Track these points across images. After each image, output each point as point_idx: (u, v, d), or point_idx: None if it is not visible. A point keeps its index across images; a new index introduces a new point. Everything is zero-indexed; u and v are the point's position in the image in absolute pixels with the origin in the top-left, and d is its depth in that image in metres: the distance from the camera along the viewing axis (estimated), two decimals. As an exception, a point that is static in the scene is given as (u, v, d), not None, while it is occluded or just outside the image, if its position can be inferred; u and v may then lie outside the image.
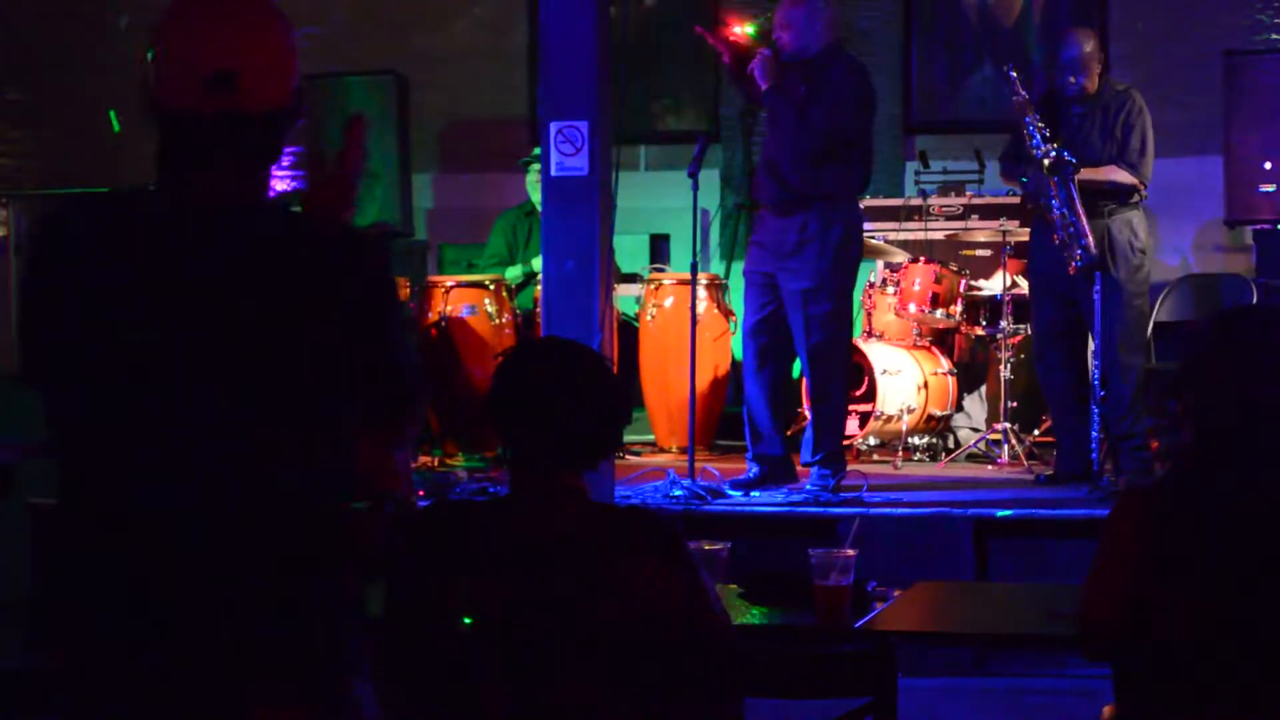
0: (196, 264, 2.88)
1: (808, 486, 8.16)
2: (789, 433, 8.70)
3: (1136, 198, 8.49)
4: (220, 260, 2.88)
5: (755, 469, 8.33)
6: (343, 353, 2.92)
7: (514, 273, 10.30)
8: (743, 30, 8.71)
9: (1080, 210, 8.23)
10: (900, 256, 10.17)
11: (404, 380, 3.04)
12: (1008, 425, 9.47)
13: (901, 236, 10.60)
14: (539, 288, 8.89)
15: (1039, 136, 8.32)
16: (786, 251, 8.15)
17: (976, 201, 10.71)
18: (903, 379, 9.71)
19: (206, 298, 2.87)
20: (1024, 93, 8.41)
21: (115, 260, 2.90)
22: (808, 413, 8.41)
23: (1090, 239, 8.22)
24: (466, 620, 3.47)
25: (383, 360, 2.99)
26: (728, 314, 10.33)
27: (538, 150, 10.36)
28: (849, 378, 8.77)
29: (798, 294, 8.13)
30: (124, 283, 2.88)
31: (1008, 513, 7.67)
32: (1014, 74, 8.47)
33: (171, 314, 2.87)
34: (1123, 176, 8.42)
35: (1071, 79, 8.49)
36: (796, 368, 8.81)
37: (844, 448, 8.62)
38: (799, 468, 8.42)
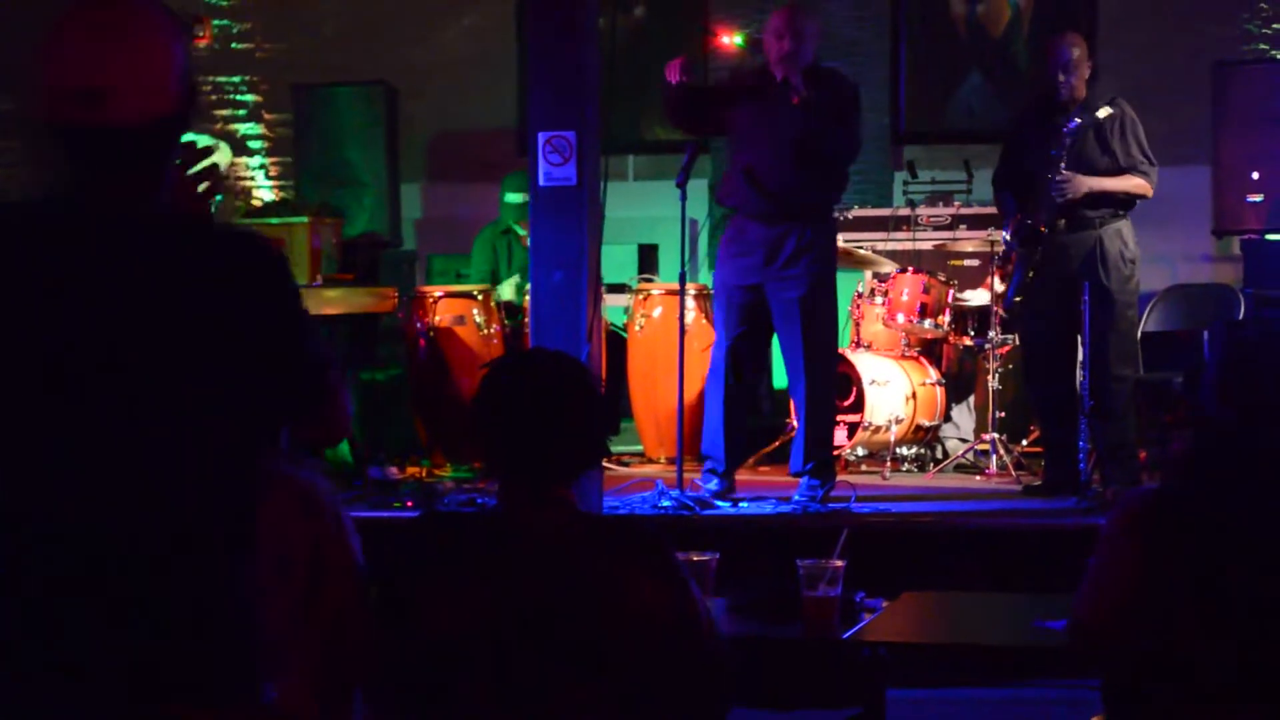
0: (84, 273, 2.86)
1: (796, 496, 8.17)
2: (778, 443, 8.74)
3: (1126, 208, 8.52)
4: (109, 269, 2.86)
5: (718, 483, 8.34)
6: (240, 356, 2.88)
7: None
8: (731, 40, 8.72)
9: (1021, 272, 8.55)
10: (888, 266, 10.17)
11: (313, 376, 3.01)
12: (996, 436, 9.46)
13: (889, 246, 10.60)
14: (527, 298, 8.91)
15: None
16: (781, 261, 8.17)
17: (964, 211, 10.71)
18: (891, 389, 9.71)
19: (98, 305, 2.84)
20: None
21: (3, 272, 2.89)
22: (795, 422, 8.40)
23: (1016, 299, 8.64)
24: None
25: (285, 359, 2.95)
26: (716, 324, 10.33)
27: (508, 180, 10.43)
28: (838, 388, 8.80)
29: (794, 302, 8.15)
30: (11, 294, 2.87)
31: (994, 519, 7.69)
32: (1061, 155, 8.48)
33: (64, 324, 2.84)
34: (1137, 185, 8.45)
35: (1062, 78, 8.50)
36: (778, 379, 8.83)
37: (834, 458, 8.64)
38: (788, 477, 8.45)
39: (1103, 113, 8.44)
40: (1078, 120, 8.41)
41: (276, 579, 3.59)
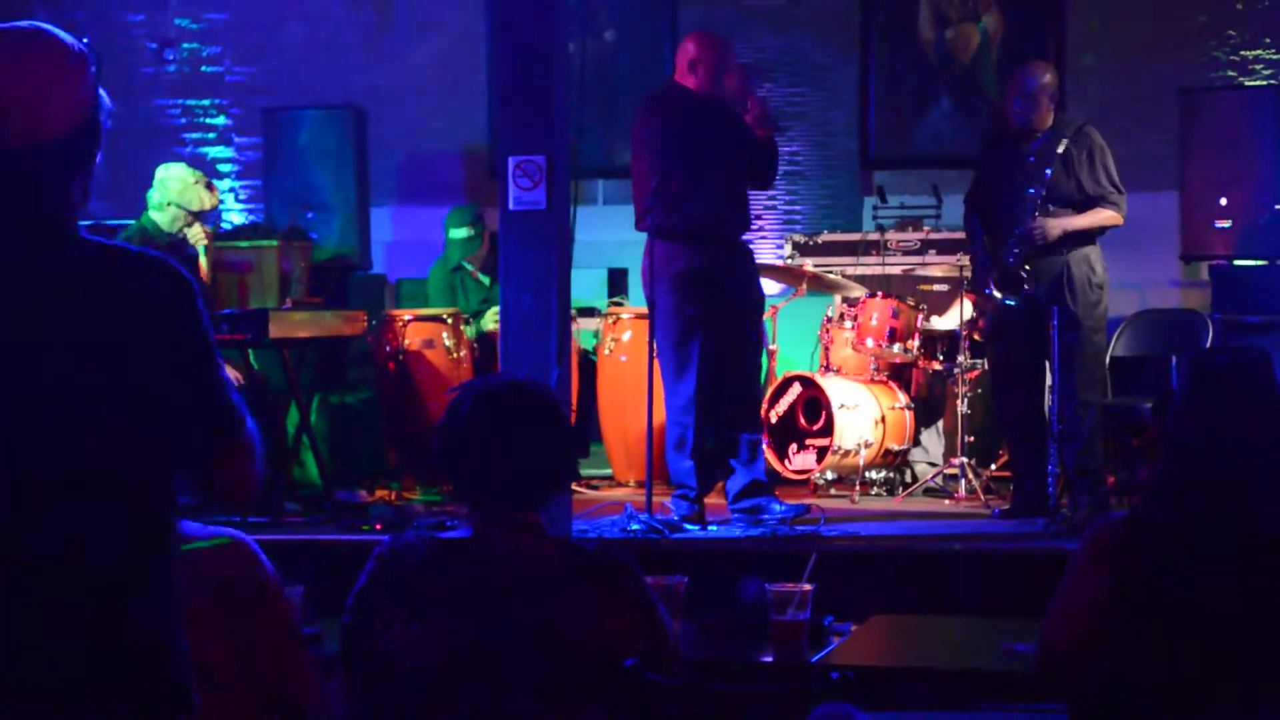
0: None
1: (777, 511, 8.19)
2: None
3: (1095, 235, 8.56)
4: (21, 292, 2.85)
5: (688, 506, 8.37)
6: (153, 389, 2.86)
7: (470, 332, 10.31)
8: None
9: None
10: (858, 291, 10.18)
11: (221, 415, 2.96)
12: (964, 460, 9.47)
13: (859, 271, 10.62)
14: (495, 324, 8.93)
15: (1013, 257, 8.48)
16: (748, 281, 8.39)
17: (934, 236, 10.73)
18: (860, 413, 9.71)
19: (13, 330, 2.84)
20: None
21: None
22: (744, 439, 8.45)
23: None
24: None
25: (197, 396, 2.92)
26: (685, 348, 10.33)
27: (451, 216, 10.43)
28: (809, 411, 8.87)
29: (759, 319, 8.37)
30: None
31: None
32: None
33: None
34: (1108, 217, 8.48)
35: (1018, 109, 8.53)
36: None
37: None
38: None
39: (1061, 147, 8.47)
40: (1050, 171, 8.44)
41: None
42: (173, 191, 9.24)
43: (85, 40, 2.98)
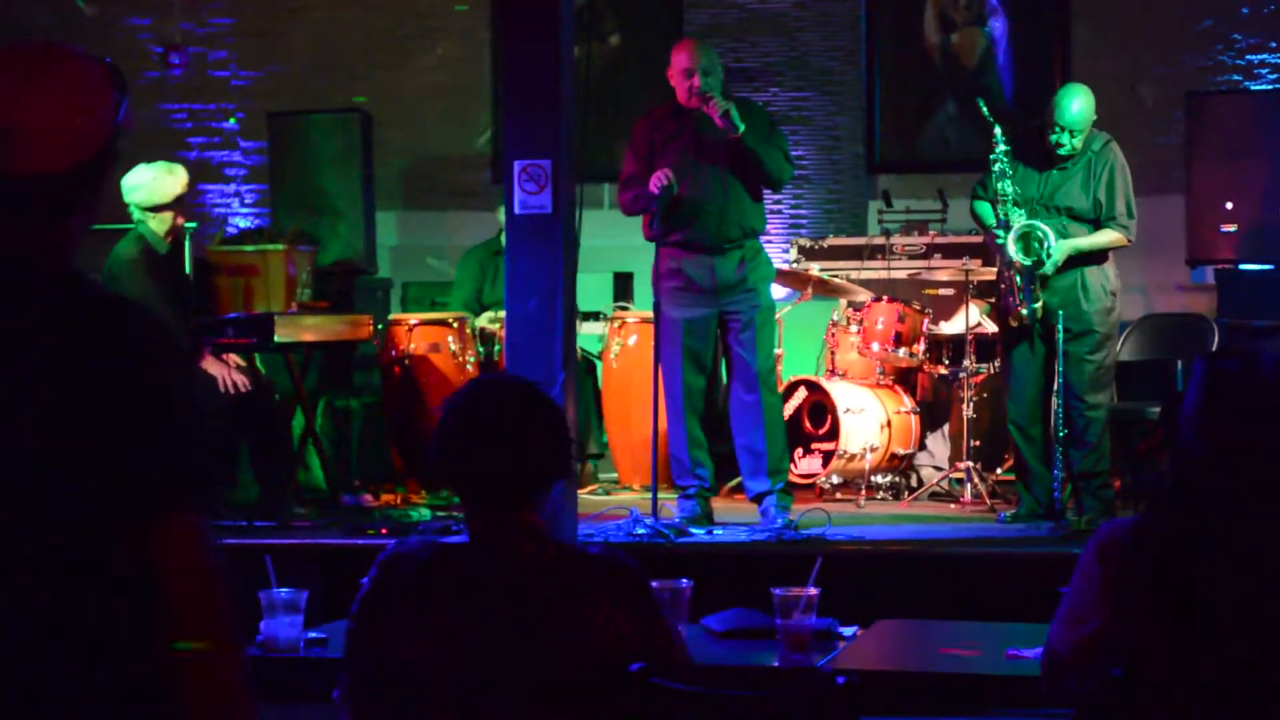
0: None
1: (777, 520, 8.20)
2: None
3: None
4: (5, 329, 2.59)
5: (694, 505, 8.40)
6: (110, 434, 2.57)
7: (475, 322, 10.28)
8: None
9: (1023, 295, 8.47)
10: (863, 295, 10.18)
11: (180, 470, 2.63)
12: (970, 464, 9.47)
13: (864, 275, 10.62)
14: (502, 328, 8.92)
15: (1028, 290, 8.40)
16: (733, 284, 8.40)
17: (939, 240, 10.73)
18: (866, 417, 9.71)
19: None
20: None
21: None
22: (749, 443, 8.45)
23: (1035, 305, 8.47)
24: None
25: (154, 447, 2.60)
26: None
27: None
28: (813, 416, 8.86)
29: (752, 321, 8.43)
30: None
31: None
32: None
33: None
34: (1115, 238, 8.45)
35: (1069, 138, 8.39)
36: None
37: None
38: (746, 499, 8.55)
39: (1084, 161, 8.44)
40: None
41: None
42: (157, 192, 8.86)
43: (108, 60, 2.77)
